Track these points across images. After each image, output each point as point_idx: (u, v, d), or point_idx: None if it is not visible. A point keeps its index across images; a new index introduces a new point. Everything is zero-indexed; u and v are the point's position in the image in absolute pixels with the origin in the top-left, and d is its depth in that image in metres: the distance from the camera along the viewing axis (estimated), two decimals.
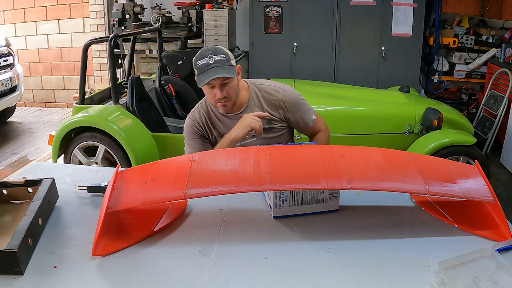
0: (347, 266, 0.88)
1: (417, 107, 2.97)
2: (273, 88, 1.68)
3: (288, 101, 1.67)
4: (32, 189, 1.10)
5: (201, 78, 1.52)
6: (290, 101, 1.67)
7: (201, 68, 1.52)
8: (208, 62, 1.51)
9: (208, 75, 1.50)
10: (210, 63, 1.51)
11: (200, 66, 1.53)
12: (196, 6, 4.51)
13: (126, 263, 0.89)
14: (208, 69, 1.51)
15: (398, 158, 1.11)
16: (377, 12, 4.09)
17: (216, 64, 1.51)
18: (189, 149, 1.71)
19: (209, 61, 1.51)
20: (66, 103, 5.61)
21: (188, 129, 1.72)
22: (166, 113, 3.31)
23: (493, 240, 0.95)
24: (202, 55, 1.54)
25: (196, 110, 1.73)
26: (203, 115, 1.70)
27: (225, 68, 1.52)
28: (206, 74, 1.51)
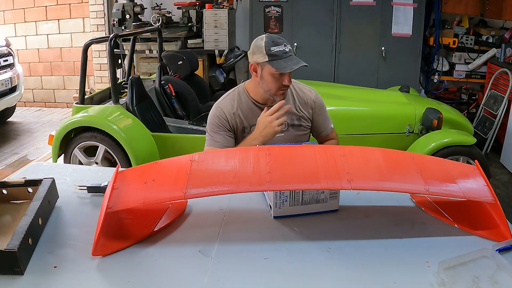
0: (347, 266, 0.88)
1: (417, 107, 2.97)
2: (306, 88, 1.75)
3: (318, 103, 1.74)
4: (32, 189, 1.10)
5: (282, 64, 1.53)
6: (319, 104, 1.75)
7: (279, 54, 1.55)
8: (285, 49, 1.56)
9: (293, 62, 1.54)
10: (286, 51, 1.56)
11: (276, 52, 1.55)
12: (196, 6, 4.51)
13: (126, 263, 0.89)
14: (287, 57, 1.55)
15: (398, 158, 1.11)
16: (377, 12, 4.08)
17: (291, 53, 1.58)
18: (211, 143, 1.66)
19: (285, 49, 1.56)
20: (66, 103, 5.61)
21: (214, 120, 1.66)
22: (166, 113, 3.31)
23: (493, 240, 0.95)
24: (276, 42, 1.57)
25: (226, 98, 1.69)
26: (234, 103, 1.67)
27: (298, 58, 1.58)
28: (288, 61, 1.54)
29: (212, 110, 1.69)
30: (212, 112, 1.68)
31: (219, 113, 1.66)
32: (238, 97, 1.68)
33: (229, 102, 1.68)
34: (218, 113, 1.66)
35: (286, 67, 1.53)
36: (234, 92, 1.70)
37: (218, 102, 1.69)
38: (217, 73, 4.49)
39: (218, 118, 1.66)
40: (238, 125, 1.68)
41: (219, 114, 1.66)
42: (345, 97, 3.24)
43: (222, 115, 1.66)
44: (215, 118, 1.66)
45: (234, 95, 1.69)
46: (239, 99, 1.68)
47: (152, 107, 3.09)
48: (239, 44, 4.80)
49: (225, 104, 1.67)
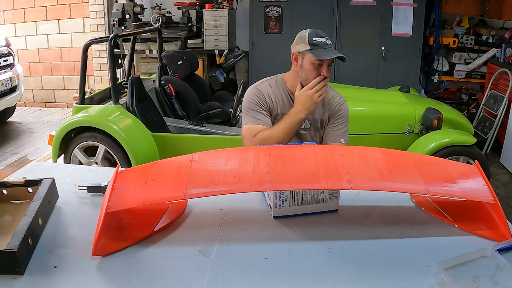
0: (347, 266, 0.88)
1: (417, 107, 2.97)
2: (339, 96, 1.82)
3: (339, 111, 1.79)
4: (32, 189, 1.10)
5: (323, 53, 1.62)
6: (343, 111, 1.79)
7: (320, 44, 1.64)
8: (326, 42, 1.66)
9: (333, 52, 1.63)
10: (328, 43, 1.66)
11: (318, 42, 1.64)
12: (196, 6, 4.51)
13: (126, 263, 0.89)
14: (327, 47, 1.64)
15: (398, 158, 1.11)
16: (377, 12, 4.09)
17: (331, 46, 1.67)
18: (252, 121, 1.70)
19: (326, 41, 1.66)
20: (66, 103, 5.61)
21: (253, 99, 1.71)
22: (166, 113, 3.31)
23: (493, 240, 0.95)
24: (318, 34, 1.67)
25: (265, 83, 1.76)
26: (273, 89, 1.74)
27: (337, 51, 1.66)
28: (328, 51, 1.63)
29: (249, 91, 1.74)
30: (250, 92, 1.74)
31: (257, 93, 1.72)
32: (276, 85, 1.75)
33: (267, 86, 1.74)
34: (257, 93, 1.72)
35: (325, 55, 1.61)
36: (272, 80, 1.77)
37: (256, 85, 1.75)
38: (217, 73, 4.49)
39: (257, 98, 1.71)
40: (272, 109, 1.74)
41: (257, 94, 1.72)
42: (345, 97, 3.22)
43: (261, 96, 1.72)
44: (254, 97, 1.72)
45: (272, 82, 1.76)
46: (276, 86, 1.75)
47: (152, 107, 3.10)
48: (239, 44, 4.80)
49: (264, 87, 1.74)
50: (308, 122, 1.76)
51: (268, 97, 1.72)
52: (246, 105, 1.73)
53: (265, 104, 1.72)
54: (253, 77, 4.30)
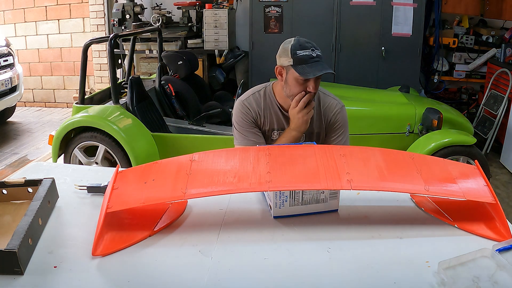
0: (347, 266, 0.88)
1: (417, 107, 2.97)
2: (335, 102, 1.69)
3: (337, 119, 1.68)
4: (32, 189, 1.10)
5: (306, 70, 1.48)
6: (337, 120, 1.68)
7: (304, 59, 1.49)
8: (312, 54, 1.50)
9: (317, 68, 1.48)
10: (313, 56, 1.50)
11: (301, 56, 1.49)
12: (196, 6, 4.51)
13: (126, 263, 0.89)
14: (313, 62, 1.49)
15: (398, 158, 1.11)
16: (377, 12, 4.08)
17: (318, 58, 1.51)
18: (244, 142, 1.62)
19: (312, 54, 1.50)
20: (66, 103, 5.61)
21: (242, 117, 1.63)
22: (166, 113, 3.31)
23: (493, 240, 0.95)
24: (303, 46, 1.51)
25: (251, 97, 1.65)
26: (260, 103, 1.63)
27: (325, 64, 1.53)
28: (313, 66, 1.49)
29: (238, 107, 1.64)
30: (237, 108, 1.64)
31: (245, 111, 1.63)
32: (265, 98, 1.64)
33: (255, 100, 1.64)
34: (244, 110, 1.63)
35: (309, 72, 1.47)
36: (261, 92, 1.65)
37: (244, 99, 1.65)
38: (217, 73, 4.49)
39: (245, 115, 1.62)
40: (262, 125, 1.65)
41: (245, 111, 1.63)
42: (345, 97, 3.23)
43: (249, 113, 1.62)
44: (242, 115, 1.63)
45: (260, 95, 1.65)
46: (265, 100, 1.64)
47: (152, 107, 3.10)
48: (239, 44, 4.80)
49: (251, 101, 1.63)
50: (302, 137, 1.65)
51: (256, 114, 1.63)
52: (236, 123, 1.65)
53: (253, 122, 1.63)
54: (253, 77, 4.30)
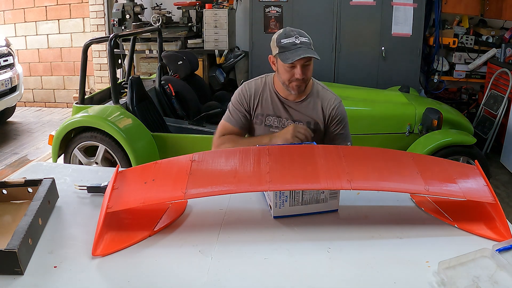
0: (347, 266, 0.88)
1: (417, 107, 2.97)
2: (334, 97, 1.73)
3: (336, 114, 1.70)
4: (32, 189, 1.10)
5: (287, 56, 1.53)
6: (336, 115, 1.70)
7: (287, 46, 1.54)
8: (295, 41, 1.54)
9: (297, 54, 1.52)
10: (296, 43, 1.54)
11: (285, 44, 1.54)
12: (196, 6, 4.51)
13: (126, 263, 0.89)
14: (295, 48, 1.53)
15: (398, 158, 1.11)
16: (377, 12, 4.08)
17: (302, 45, 1.54)
18: (227, 118, 1.73)
19: (295, 41, 1.54)
20: (66, 103, 5.61)
21: (238, 97, 1.72)
22: (166, 113, 3.31)
23: (493, 240, 0.95)
24: (287, 34, 1.56)
25: (254, 81, 1.74)
26: (259, 88, 1.71)
27: (311, 50, 1.55)
28: (294, 52, 1.52)
29: (240, 87, 1.74)
30: (239, 89, 1.73)
31: (242, 91, 1.71)
32: (264, 85, 1.72)
33: (255, 85, 1.72)
34: (242, 90, 1.71)
35: (289, 58, 1.52)
36: (263, 79, 1.74)
37: (246, 83, 1.74)
38: (217, 73, 4.49)
39: (242, 96, 1.70)
40: (255, 109, 1.71)
41: (242, 91, 1.71)
42: (345, 97, 3.23)
43: (245, 94, 1.70)
44: (240, 94, 1.71)
45: (262, 81, 1.73)
46: (264, 86, 1.71)
47: (152, 107, 3.09)
48: (239, 44, 4.80)
49: (252, 85, 1.72)
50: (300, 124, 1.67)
51: (253, 97, 1.70)
52: (232, 99, 1.74)
53: (246, 103, 1.70)
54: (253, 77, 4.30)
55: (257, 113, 1.71)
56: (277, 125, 1.70)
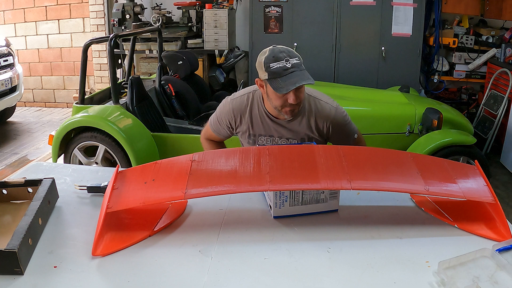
0: (347, 266, 0.88)
1: (417, 107, 2.97)
2: (328, 106, 1.61)
3: (337, 122, 1.61)
4: (32, 189, 1.10)
5: (280, 84, 1.40)
6: (337, 123, 1.61)
7: (278, 72, 1.41)
8: (286, 65, 1.41)
9: (291, 82, 1.40)
10: (287, 67, 1.41)
11: (275, 69, 1.41)
12: (196, 6, 4.51)
13: (126, 263, 0.89)
14: (287, 74, 1.41)
15: (398, 158, 1.11)
16: (377, 12, 4.08)
17: (294, 68, 1.42)
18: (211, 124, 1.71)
19: (286, 65, 1.41)
20: (66, 103, 5.61)
21: (223, 111, 1.64)
22: (166, 113, 3.31)
23: (493, 240, 0.95)
24: (276, 57, 1.42)
25: (241, 98, 1.62)
26: (246, 108, 1.60)
27: (304, 73, 1.44)
28: (287, 80, 1.40)
29: (225, 104, 1.64)
30: (224, 106, 1.64)
31: (226, 109, 1.63)
32: (252, 103, 1.61)
33: (242, 104, 1.61)
34: (226, 109, 1.63)
35: (283, 87, 1.40)
36: (250, 95, 1.62)
37: (233, 99, 1.63)
38: (217, 73, 4.49)
39: (227, 113, 1.63)
40: (243, 128, 1.63)
41: (226, 110, 1.63)
42: (345, 97, 3.24)
43: (230, 114, 1.62)
44: (225, 110, 1.64)
45: (249, 98, 1.61)
46: (252, 105, 1.61)
47: (152, 107, 3.09)
48: (239, 44, 4.80)
49: (237, 105, 1.62)
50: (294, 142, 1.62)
51: (238, 118, 1.61)
52: (217, 112, 1.67)
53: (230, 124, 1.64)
54: (253, 77, 4.30)
55: (248, 133, 1.63)
56: (271, 144, 1.62)
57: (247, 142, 1.66)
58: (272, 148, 1.09)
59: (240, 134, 1.67)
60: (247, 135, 1.64)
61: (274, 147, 1.11)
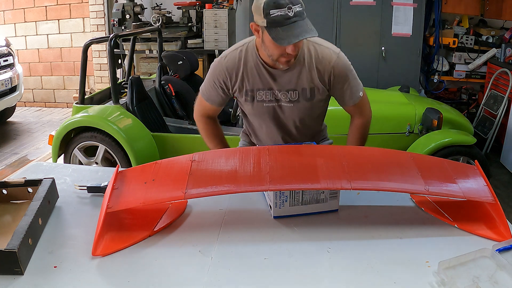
0: (347, 266, 0.88)
1: (417, 107, 2.97)
2: (330, 52, 1.48)
3: (338, 70, 1.47)
4: (32, 189, 1.10)
5: (281, 34, 1.27)
6: (339, 71, 1.47)
7: (278, 20, 1.26)
8: (288, 14, 1.26)
9: (293, 34, 1.27)
10: (290, 16, 1.26)
11: (275, 17, 1.26)
12: (196, 6, 4.52)
13: (126, 263, 0.89)
14: (289, 24, 1.27)
15: (398, 158, 1.11)
16: (377, 12, 4.08)
17: (296, 17, 1.28)
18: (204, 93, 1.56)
19: (288, 13, 1.26)
20: (66, 103, 5.61)
21: (215, 72, 1.50)
22: (166, 113, 3.32)
23: (493, 240, 0.95)
24: (277, 3, 1.26)
25: (232, 54, 1.49)
26: (241, 61, 1.47)
27: (306, 22, 1.31)
28: (288, 30, 1.27)
29: (216, 65, 1.51)
30: (216, 67, 1.51)
31: (221, 67, 1.48)
32: (246, 55, 1.47)
33: (235, 60, 1.48)
34: (220, 67, 1.49)
35: (284, 38, 1.27)
36: (243, 48, 1.48)
37: (224, 57, 1.50)
38: None
39: (218, 72, 1.49)
40: (240, 85, 1.50)
41: (221, 68, 1.49)
42: None
43: (224, 76, 1.48)
44: (217, 70, 1.50)
45: (242, 52, 1.48)
46: (246, 57, 1.47)
47: (152, 107, 3.10)
48: None
49: (231, 62, 1.48)
50: (295, 93, 1.47)
51: (234, 76, 1.48)
52: (208, 77, 1.54)
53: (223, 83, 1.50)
54: None
55: (246, 90, 1.49)
56: (270, 99, 1.50)
57: (245, 100, 1.52)
58: (272, 148, 1.10)
59: (237, 93, 1.53)
60: (244, 91, 1.51)
61: (274, 147, 1.11)
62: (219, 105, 1.59)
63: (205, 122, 1.66)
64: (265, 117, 1.55)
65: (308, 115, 1.55)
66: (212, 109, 1.61)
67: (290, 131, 1.59)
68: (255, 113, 1.56)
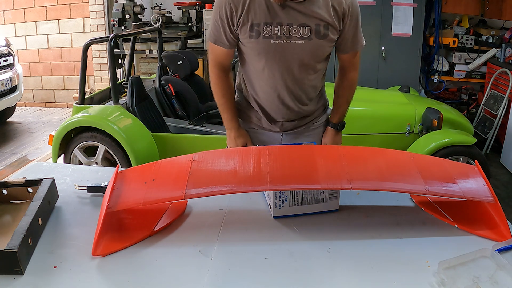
0: (347, 266, 0.88)
1: (417, 107, 2.97)
2: None
3: (352, 11, 1.42)
4: (32, 189, 1.10)
5: None
6: (353, 13, 1.42)
7: None
8: None
9: None
10: None
11: None
12: (196, 6, 4.52)
13: (126, 263, 0.89)
14: None
15: (398, 158, 1.11)
16: (377, 12, 4.08)
17: None
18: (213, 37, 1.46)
19: None
20: (66, 103, 5.61)
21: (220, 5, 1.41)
22: (166, 113, 3.32)
23: (493, 240, 0.95)
24: None
25: None
26: None
27: None
28: None
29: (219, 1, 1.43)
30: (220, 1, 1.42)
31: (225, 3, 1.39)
32: None
33: None
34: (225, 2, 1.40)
35: None
36: None
37: None
38: None
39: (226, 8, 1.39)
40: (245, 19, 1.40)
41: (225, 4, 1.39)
42: None
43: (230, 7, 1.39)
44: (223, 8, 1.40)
45: None
46: None
47: (152, 107, 3.10)
48: None
49: None
50: (308, 29, 1.38)
51: (240, 7, 1.37)
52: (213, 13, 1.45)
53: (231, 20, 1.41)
54: None
55: (251, 23, 1.39)
56: (279, 35, 1.38)
57: (249, 36, 1.41)
58: (272, 148, 1.09)
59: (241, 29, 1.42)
60: (249, 26, 1.40)
61: (274, 147, 1.11)
62: (229, 47, 1.47)
63: (218, 75, 1.54)
64: (269, 56, 1.41)
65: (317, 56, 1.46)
66: (223, 54, 1.49)
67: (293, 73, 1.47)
68: (259, 52, 1.43)
